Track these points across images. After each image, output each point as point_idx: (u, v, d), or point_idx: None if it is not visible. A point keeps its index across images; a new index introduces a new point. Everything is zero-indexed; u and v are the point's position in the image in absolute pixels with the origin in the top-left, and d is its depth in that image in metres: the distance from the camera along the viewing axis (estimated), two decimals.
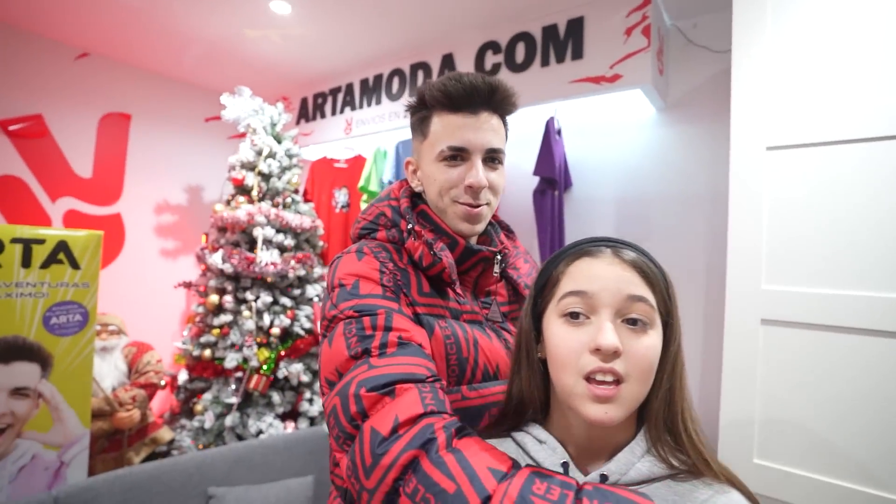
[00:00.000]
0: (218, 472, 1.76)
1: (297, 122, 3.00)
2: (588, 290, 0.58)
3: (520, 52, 2.12)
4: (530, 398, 0.65)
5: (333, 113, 2.82)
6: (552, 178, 2.03)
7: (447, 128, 0.79)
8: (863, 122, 1.17)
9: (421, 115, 0.84)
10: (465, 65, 2.29)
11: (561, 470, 0.58)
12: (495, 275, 0.85)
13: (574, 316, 0.58)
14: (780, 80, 1.29)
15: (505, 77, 2.13)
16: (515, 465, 0.54)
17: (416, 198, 0.88)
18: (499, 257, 0.84)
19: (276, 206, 2.40)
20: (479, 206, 0.81)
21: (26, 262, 1.68)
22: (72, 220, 2.60)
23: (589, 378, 0.55)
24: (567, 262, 0.62)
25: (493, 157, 0.81)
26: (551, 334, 0.60)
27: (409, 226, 0.80)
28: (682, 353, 0.61)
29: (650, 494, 0.51)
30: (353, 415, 0.60)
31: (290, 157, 2.49)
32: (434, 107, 0.81)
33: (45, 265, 1.72)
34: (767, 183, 1.29)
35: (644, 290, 0.57)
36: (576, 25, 1.98)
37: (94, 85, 2.67)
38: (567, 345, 0.57)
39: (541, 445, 0.62)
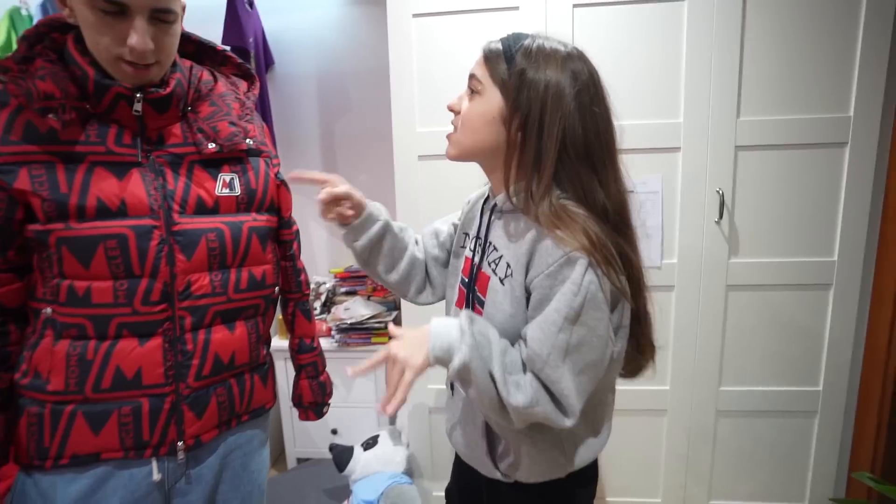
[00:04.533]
0: None
1: None
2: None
3: None
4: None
5: None
6: (244, 48, 1.95)
7: None
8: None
9: None
10: None
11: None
12: (150, 114, 0.79)
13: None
14: None
15: None
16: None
17: (66, 27, 0.78)
18: (139, 95, 0.76)
19: None
20: (148, 65, 0.75)
21: None
22: None
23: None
24: None
25: (161, 18, 0.73)
26: None
27: (14, 62, 0.74)
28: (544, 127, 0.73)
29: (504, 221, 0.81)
30: None
31: None
32: None
33: None
34: (415, 44, 1.55)
35: (478, 70, 0.77)
36: None
37: None
38: None
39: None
